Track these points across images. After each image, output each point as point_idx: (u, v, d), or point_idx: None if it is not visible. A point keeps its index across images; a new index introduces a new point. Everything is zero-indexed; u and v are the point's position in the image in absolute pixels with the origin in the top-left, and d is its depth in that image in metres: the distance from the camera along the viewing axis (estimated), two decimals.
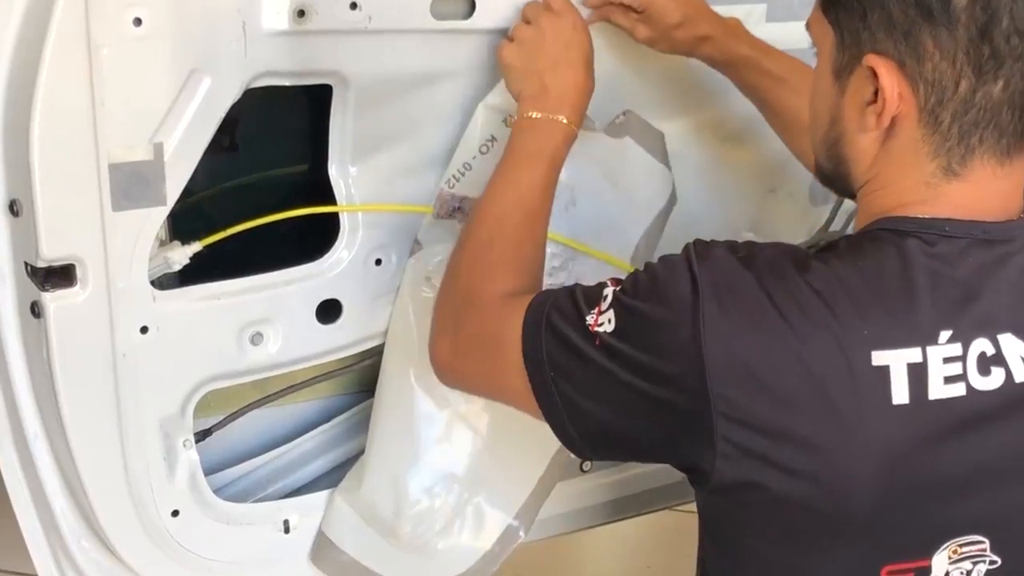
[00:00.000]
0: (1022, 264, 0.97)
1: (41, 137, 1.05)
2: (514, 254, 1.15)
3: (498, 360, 1.06)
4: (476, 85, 1.31)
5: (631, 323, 0.96)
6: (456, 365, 1.15)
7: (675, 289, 0.95)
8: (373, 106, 1.26)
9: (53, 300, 1.11)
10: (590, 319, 0.98)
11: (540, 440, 1.30)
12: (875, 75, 0.95)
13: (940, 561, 0.96)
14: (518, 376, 1.03)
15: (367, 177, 1.30)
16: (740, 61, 1.35)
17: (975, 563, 0.97)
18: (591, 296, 1.00)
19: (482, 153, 1.30)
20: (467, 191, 1.31)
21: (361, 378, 1.41)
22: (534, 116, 1.20)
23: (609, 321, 0.97)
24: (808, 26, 1.05)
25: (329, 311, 1.32)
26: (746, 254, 0.97)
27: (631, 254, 1.40)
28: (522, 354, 1.03)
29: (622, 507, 1.61)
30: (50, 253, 1.09)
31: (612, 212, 1.27)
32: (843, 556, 0.96)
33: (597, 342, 0.97)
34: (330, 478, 1.41)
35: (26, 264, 1.12)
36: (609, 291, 0.99)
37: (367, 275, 1.33)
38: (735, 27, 1.37)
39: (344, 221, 1.31)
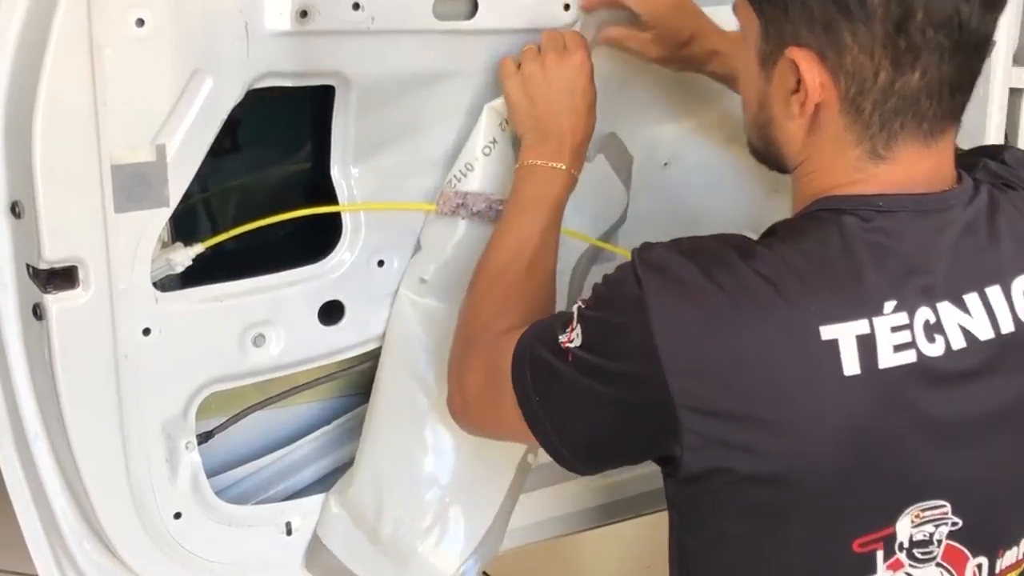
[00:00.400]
0: (957, 233, 1.00)
1: (43, 138, 1.04)
2: (514, 299, 1.17)
3: (496, 395, 1.08)
4: (478, 85, 1.31)
5: (593, 333, 0.99)
6: (467, 410, 1.17)
7: (623, 292, 0.97)
8: (375, 107, 1.26)
9: (55, 302, 1.10)
10: (563, 338, 1.01)
11: (506, 448, 1.35)
12: (797, 66, 0.97)
13: (903, 526, 0.99)
14: (513, 407, 1.05)
15: (369, 178, 1.30)
16: None
17: (937, 526, 1.00)
18: (566, 317, 1.03)
19: (484, 155, 1.30)
20: (469, 188, 1.31)
21: (363, 380, 1.40)
22: (534, 163, 1.23)
23: (577, 336, 0.99)
24: (734, 9, 1.08)
25: (331, 313, 1.31)
26: (688, 247, 0.99)
27: (574, 262, 1.42)
28: (512, 385, 1.05)
29: (623, 508, 1.61)
30: (52, 255, 1.08)
31: (565, 218, 1.28)
32: (815, 533, 0.98)
33: (570, 358, 1.00)
34: (332, 480, 1.40)
35: (28, 266, 1.11)
36: (576, 308, 1.02)
37: (369, 277, 1.32)
38: (739, 41, 1.37)
39: (346, 222, 1.30)
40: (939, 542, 1.01)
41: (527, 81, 1.24)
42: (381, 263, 1.33)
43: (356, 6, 1.17)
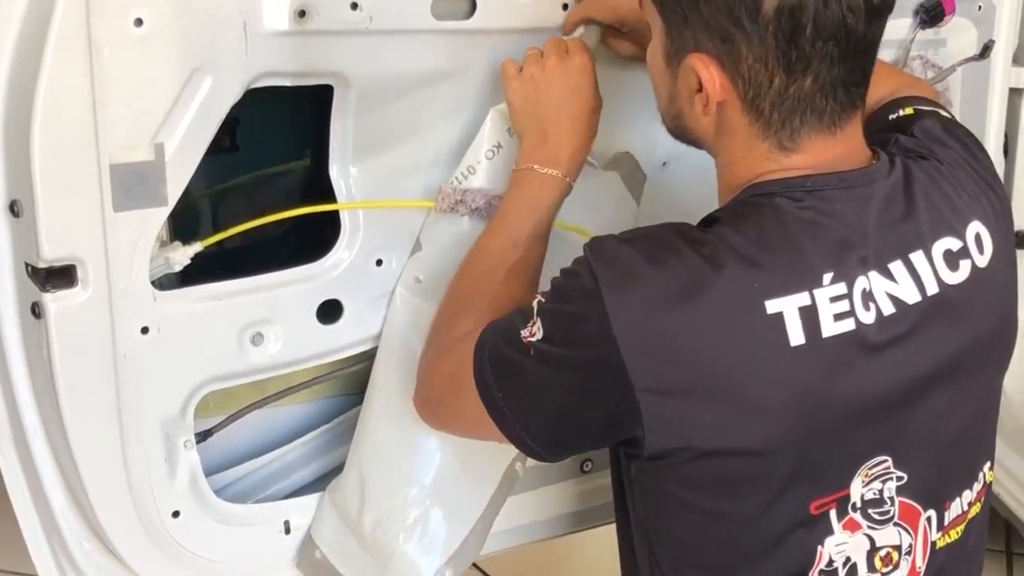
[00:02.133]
0: (879, 205, 1.04)
1: (42, 137, 1.05)
2: (488, 302, 1.17)
3: (458, 392, 1.10)
4: (477, 85, 1.31)
5: (553, 325, 1.02)
6: (430, 406, 1.19)
7: (578, 283, 1.01)
8: (374, 106, 1.26)
9: (54, 301, 1.10)
10: (524, 332, 1.04)
11: (494, 456, 1.35)
12: (697, 71, 1.03)
13: (856, 487, 1.04)
14: (476, 403, 1.07)
15: (368, 177, 1.30)
16: None
17: (884, 481, 1.06)
18: (526, 312, 1.05)
19: (488, 159, 1.30)
20: (469, 186, 1.31)
21: (362, 379, 1.40)
22: (529, 168, 1.23)
23: (539, 330, 1.03)
24: (640, 3, 1.12)
25: (330, 312, 1.32)
26: (634, 236, 1.04)
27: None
28: (474, 382, 1.07)
29: None
30: (51, 254, 1.09)
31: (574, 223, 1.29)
32: (776, 499, 1.02)
33: (532, 352, 1.03)
34: (330, 479, 1.40)
35: (27, 265, 1.11)
36: (535, 302, 1.05)
37: (368, 276, 1.33)
38: None
39: (345, 221, 1.30)
40: (891, 499, 1.06)
41: (527, 84, 1.23)
42: (379, 262, 1.33)
43: (354, 6, 1.17)
